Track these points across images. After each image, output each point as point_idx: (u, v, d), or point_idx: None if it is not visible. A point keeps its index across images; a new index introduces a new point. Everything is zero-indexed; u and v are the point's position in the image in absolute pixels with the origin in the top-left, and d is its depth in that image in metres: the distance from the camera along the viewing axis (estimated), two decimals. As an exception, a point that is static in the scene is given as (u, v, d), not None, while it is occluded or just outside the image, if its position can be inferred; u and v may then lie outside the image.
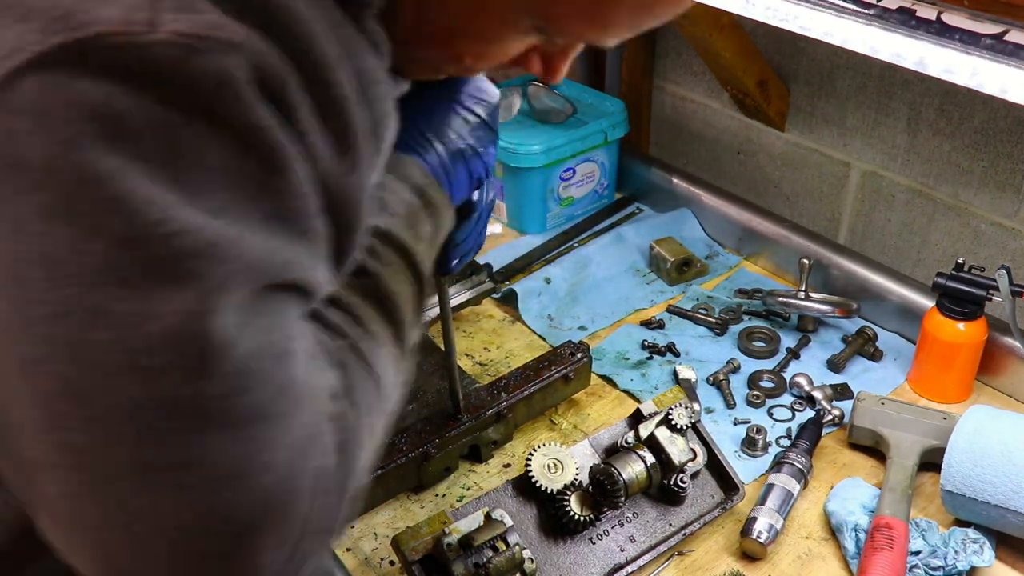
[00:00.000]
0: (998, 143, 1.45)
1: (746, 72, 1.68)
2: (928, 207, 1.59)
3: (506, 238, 1.80)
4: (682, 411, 1.15)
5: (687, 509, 1.17)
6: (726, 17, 1.62)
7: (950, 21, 0.94)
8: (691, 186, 1.81)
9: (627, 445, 1.15)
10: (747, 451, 1.29)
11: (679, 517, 1.17)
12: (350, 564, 1.14)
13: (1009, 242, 1.49)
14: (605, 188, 1.89)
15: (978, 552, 1.09)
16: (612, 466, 1.11)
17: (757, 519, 1.14)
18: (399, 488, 1.23)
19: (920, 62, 0.96)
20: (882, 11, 0.98)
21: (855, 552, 1.13)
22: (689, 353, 1.49)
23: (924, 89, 1.52)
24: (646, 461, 1.12)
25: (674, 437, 1.14)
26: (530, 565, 1.04)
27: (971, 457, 1.12)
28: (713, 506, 1.18)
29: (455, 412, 1.24)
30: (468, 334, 1.55)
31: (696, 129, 1.95)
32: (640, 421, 1.17)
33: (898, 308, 1.50)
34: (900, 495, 1.16)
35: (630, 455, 1.13)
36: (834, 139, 1.70)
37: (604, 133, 1.80)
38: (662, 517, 1.16)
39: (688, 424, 1.15)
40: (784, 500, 1.17)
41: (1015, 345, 1.34)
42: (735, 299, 1.61)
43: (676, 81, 1.95)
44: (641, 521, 1.15)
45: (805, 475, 1.21)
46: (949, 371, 1.36)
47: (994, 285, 1.29)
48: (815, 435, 1.27)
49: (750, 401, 1.38)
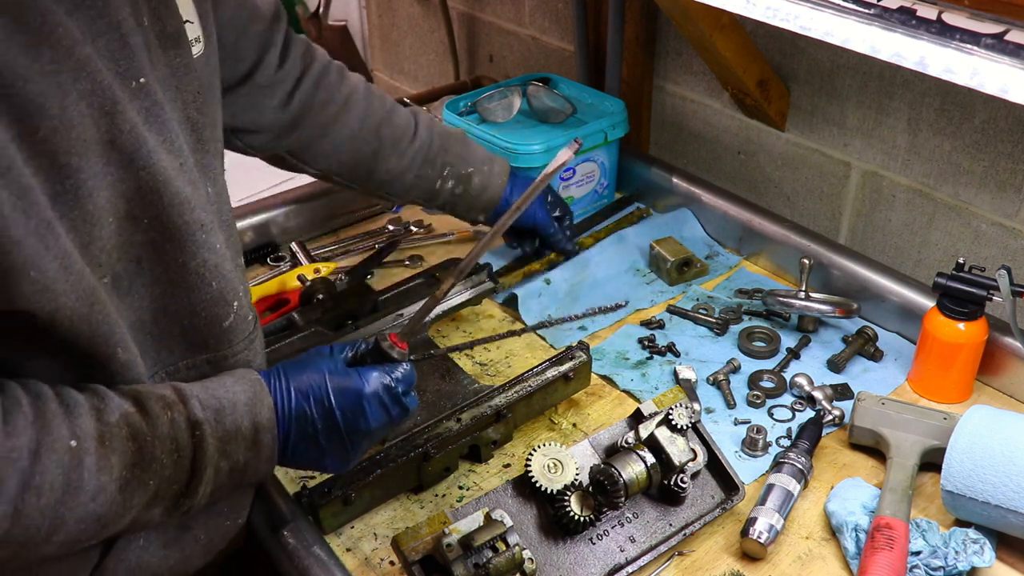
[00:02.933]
0: (999, 143, 1.45)
1: (746, 72, 1.68)
2: (928, 207, 1.59)
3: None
4: (682, 411, 1.15)
5: (687, 509, 1.17)
6: (726, 17, 1.62)
7: (951, 21, 0.94)
8: (691, 186, 1.81)
9: (627, 445, 1.15)
10: (747, 451, 1.29)
11: (679, 517, 1.16)
12: (350, 564, 1.13)
13: (1010, 242, 1.49)
14: (605, 188, 1.89)
15: (979, 552, 1.09)
16: (612, 466, 1.11)
17: (757, 519, 1.14)
18: (399, 488, 1.23)
19: (920, 62, 0.96)
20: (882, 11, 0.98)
21: (855, 552, 1.13)
22: (689, 353, 1.49)
23: (924, 89, 1.52)
24: (646, 461, 1.12)
25: (674, 437, 1.14)
26: (530, 565, 1.04)
27: (971, 457, 1.12)
28: (713, 506, 1.18)
29: None
30: (468, 334, 1.55)
31: (696, 129, 1.95)
32: (640, 421, 1.17)
33: (898, 308, 1.50)
34: (900, 495, 1.16)
35: (630, 455, 1.13)
36: (834, 139, 1.70)
37: (604, 133, 1.80)
38: (662, 517, 1.16)
39: (688, 424, 1.15)
40: (784, 500, 1.17)
41: (1015, 345, 1.34)
42: (735, 299, 1.61)
43: (676, 81, 1.95)
44: (641, 521, 1.15)
45: (805, 475, 1.21)
46: (949, 371, 1.36)
47: (995, 285, 1.29)
48: (815, 435, 1.27)
49: (750, 401, 1.38)
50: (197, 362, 1.01)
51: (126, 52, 0.83)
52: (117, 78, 0.82)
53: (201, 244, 0.94)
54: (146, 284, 0.92)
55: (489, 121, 1.85)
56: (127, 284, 0.90)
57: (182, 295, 0.95)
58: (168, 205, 0.89)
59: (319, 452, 1.00)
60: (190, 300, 0.96)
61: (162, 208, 0.88)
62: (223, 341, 1.02)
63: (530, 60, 2.32)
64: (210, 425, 0.91)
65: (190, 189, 0.91)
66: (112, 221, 0.84)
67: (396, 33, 2.81)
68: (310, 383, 0.99)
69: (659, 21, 1.92)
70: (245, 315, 1.04)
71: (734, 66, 1.67)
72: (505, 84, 1.92)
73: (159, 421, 0.87)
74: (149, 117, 0.86)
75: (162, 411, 0.88)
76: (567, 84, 1.96)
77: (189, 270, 0.94)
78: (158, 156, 0.86)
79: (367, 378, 1.00)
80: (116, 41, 0.81)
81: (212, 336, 1.00)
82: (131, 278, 0.90)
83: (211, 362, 1.02)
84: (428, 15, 2.61)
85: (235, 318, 1.02)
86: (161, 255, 0.91)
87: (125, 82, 0.83)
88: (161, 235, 0.90)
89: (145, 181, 0.86)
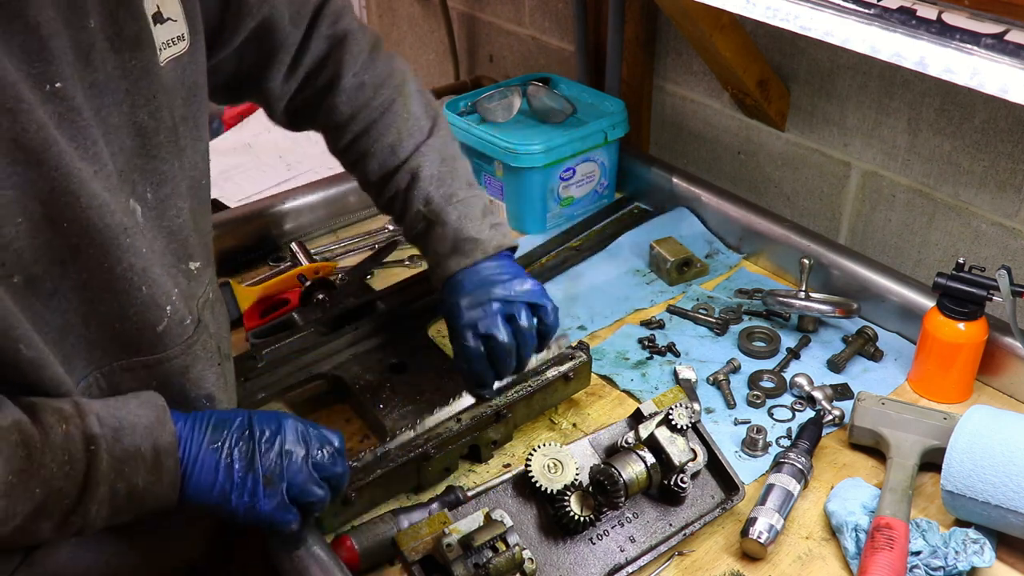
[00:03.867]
0: (999, 143, 1.45)
1: (746, 72, 1.68)
2: (928, 207, 1.59)
3: (506, 238, 1.79)
4: (682, 411, 1.15)
5: (687, 509, 1.17)
6: (726, 17, 1.62)
7: (950, 21, 0.94)
8: (691, 186, 1.81)
9: (627, 445, 1.15)
10: (747, 451, 1.29)
11: (679, 517, 1.16)
12: (350, 564, 1.13)
13: (1010, 242, 1.49)
14: (605, 188, 1.89)
15: (979, 552, 1.09)
16: (612, 466, 1.11)
17: (757, 519, 1.14)
18: (399, 488, 1.23)
19: (920, 62, 0.96)
20: (883, 11, 0.98)
21: (855, 552, 1.13)
22: (689, 353, 1.49)
23: (924, 89, 1.52)
24: (646, 461, 1.12)
25: (674, 437, 1.14)
26: (530, 565, 1.04)
27: (972, 457, 1.12)
28: (713, 506, 1.18)
29: None
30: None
31: (696, 129, 1.95)
32: (640, 421, 1.17)
33: (898, 308, 1.50)
34: (900, 495, 1.16)
35: (630, 455, 1.13)
36: (834, 139, 1.70)
37: (604, 133, 1.80)
38: (662, 517, 1.16)
39: (688, 424, 1.15)
40: (784, 500, 1.17)
41: (1015, 345, 1.34)
42: (735, 299, 1.61)
43: (676, 81, 1.95)
44: (641, 521, 1.15)
45: (805, 475, 1.21)
46: (949, 371, 1.36)
47: (995, 285, 1.29)
48: (815, 435, 1.27)
49: (750, 401, 1.38)
50: (132, 364, 1.01)
51: (44, 55, 0.82)
52: (28, 79, 0.81)
53: (126, 248, 0.93)
54: (73, 287, 0.92)
55: (489, 121, 1.85)
56: (51, 286, 0.90)
57: (110, 299, 0.94)
58: (87, 208, 0.88)
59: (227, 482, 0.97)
60: (119, 304, 0.95)
61: (80, 211, 0.88)
62: (157, 345, 1.01)
63: (530, 60, 2.32)
64: (106, 441, 0.90)
65: (108, 194, 0.90)
66: (22, 221, 0.84)
67: (396, 33, 2.81)
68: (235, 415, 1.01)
69: (659, 21, 1.92)
70: (182, 319, 1.03)
71: (734, 66, 1.67)
72: (505, 84, 1.92)
73: (52, 431, 0.87)
74: (63, 122, 0.85)
75: (57, 423, 0.88)
76: (567, 84, 1.96)
77: (115, 275, 0.93)
78: (70, 159, 0.85)
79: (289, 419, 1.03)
80: (33, 43, 0.81)
81: (145, 340, 1.00)
82: (55, 280, 0.90)
83: (147, 365, 1.01)
84: (428, 15, 2.61)
85: (169, 322, 1.01)
86: (85, 259, 0.91)
87: (38, 84, 0.82)
88: (82, 239, 0.89)
89: (59, 183, 0.85)
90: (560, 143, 1.74)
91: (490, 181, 1.83)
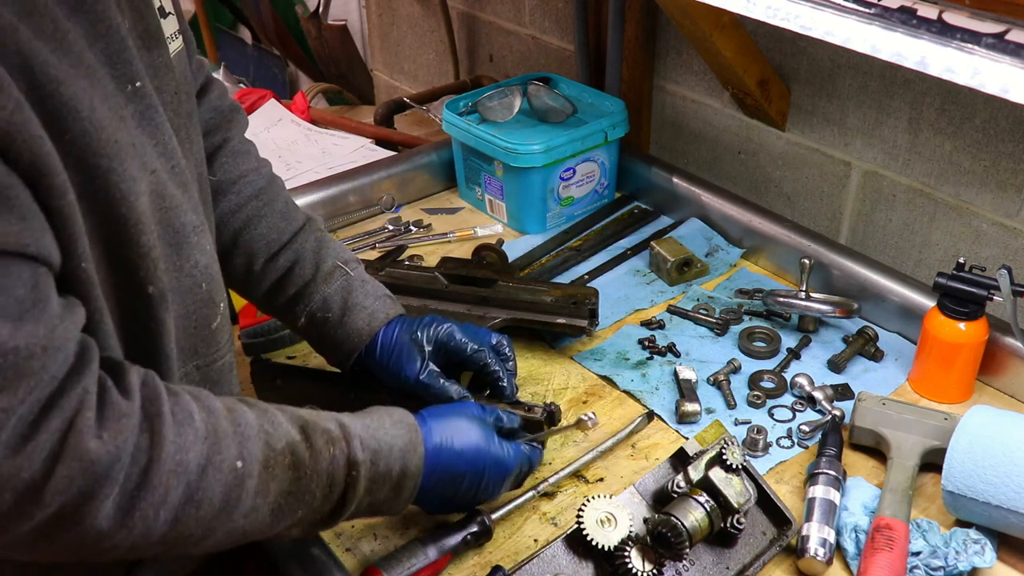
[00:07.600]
0: (999, 143, 1.45)
1: (747, 72, 1.68)
2: (929, 207, 1.59)
3: (506, 238, 1.79)
4: (735, 449, 1.08)
5: (741, 549, 1.11)
6: (727, 16, 1.62)
7: (951, 20, 0.94)
8: (691, 186, 1.81)
9: (680, 490, 1.09)
10: (748, 452, 1.29)
11: (735, 559, 1.10)
12: (350, 564, 1.13)
13: (1010, 242, 1.49)
14: (605, 188, 1.89)
15: (979, 553, 1.09)
16: (672, 515, 1.03)
17: (809, 536, 1.10)
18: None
19: (921, 62, 0.96)
20: (883, 10, 0.98)
21: (855, 553, 1.12)
22: (689, 353, 1.48)
23: (925, 89, 1.52)
24: (705, 506, 1.05)
25: (730, 478, 1.07)
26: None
27: (972, 458, 1.11)
28: (767, 543, 1.12)
29: None
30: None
31: (696, 129, 1.95)
32: (686, 462, 1.11)
33: (899, 308, 1.50)
34: (901, 496, 1.16)
35: (687, 501, 1.06)
36: (835, 139, 1.69)
37: (604, 133, 1.80)
38: (719, 561, 1.10)
39: (742, 463, 1.09)
40: (828, 511, 1.14)
41: (1016, 345, 1.34)
42: (735, 299, 1.61)
43: (676, 81, 1.95)
44: (698, 568, 1.08)
45: (841, 482, 1.18)
46: (950, 371, 1.36)
47: (995, 285, 1.29)
48: (838, 440, 1.24)
49: (751, 402, 1.38)
50: (188, 370, 1.01)
51: (125, 56, 0.82)
52: (113, 82, 0.81)
53: (194, 246, 0.93)
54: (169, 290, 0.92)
55: (489, 121, 1.85)
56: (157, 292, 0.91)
57: (178, 301, 0.94)
58: (168, 208, 0.89)
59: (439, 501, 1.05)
60: (184, 304, 0.95)
61: (165, 211, 0.88)
62: (211, 344, 1.01)
63: (530, 60, 2.32)
64: (366, 467, 0.93)
65: (180, 191, 0.91)
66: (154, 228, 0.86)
67: (396, 33, 2.81)
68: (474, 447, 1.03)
69: (659, 21, 1.92)
70: (227, 315, 1.04)
71: (734, 66, 1.66)
72: (505, 84, 1.92)
73: (320, 456, 0.89)
74: (143, 120, 0.85)
75: (325, 446, 0.90)
76: (567, 84, 1.96)
77: (184, 272, 0.94)
78: (154, 159, 0.86)
79: (515, 456, 1.07)
80: (115, 44, 0.81)
81: (201, 340, 1.00)
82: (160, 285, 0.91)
83: (200, 368, 1.02)
84: (428, 15, 2.61)
85: (221, 319, 1.02)
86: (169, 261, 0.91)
87: (121, 86, 0.82)
88: (163, 240, 0.90)
89: (156, 186, 0.86)
90: (560, 143, 1.74)
91: (490, 181, 1.83)
